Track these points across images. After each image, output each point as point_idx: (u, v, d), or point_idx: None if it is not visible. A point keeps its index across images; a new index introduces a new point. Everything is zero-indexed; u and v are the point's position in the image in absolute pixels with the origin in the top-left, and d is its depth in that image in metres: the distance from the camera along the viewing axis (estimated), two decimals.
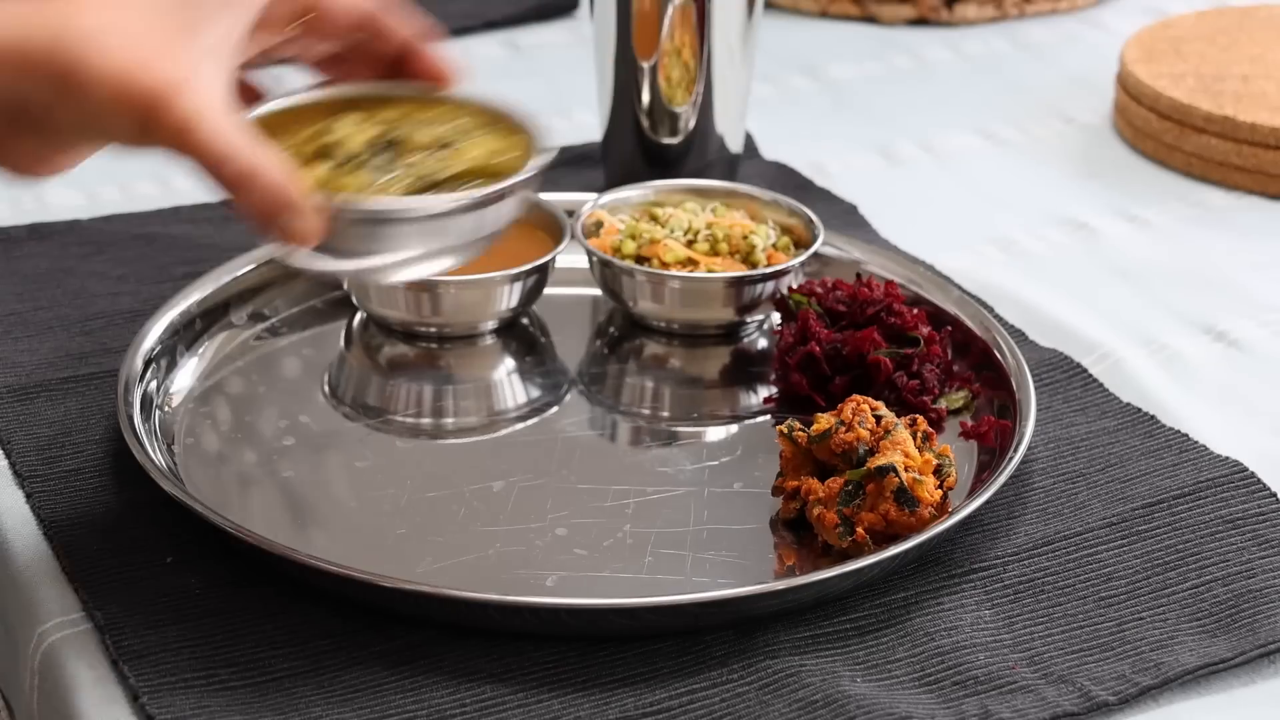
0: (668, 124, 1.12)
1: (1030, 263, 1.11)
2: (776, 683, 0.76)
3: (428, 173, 0.79)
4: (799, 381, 0.93)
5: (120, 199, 1.15)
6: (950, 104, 1.31)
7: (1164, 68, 1.24)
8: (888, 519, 0.83)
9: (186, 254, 1.06)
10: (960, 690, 0.76)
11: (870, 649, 0.79)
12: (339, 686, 0.76)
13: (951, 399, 0.94)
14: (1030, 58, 1.39)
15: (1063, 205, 1.17)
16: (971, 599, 0.82)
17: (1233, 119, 1.18)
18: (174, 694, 0.75)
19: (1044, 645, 0.79)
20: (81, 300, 1.03)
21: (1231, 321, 1.04)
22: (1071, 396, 0.96)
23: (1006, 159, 1.24)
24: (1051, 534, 0.85)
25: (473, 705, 0.75)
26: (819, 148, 1.24)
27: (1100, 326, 1.03)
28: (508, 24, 1.41)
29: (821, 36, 1.41)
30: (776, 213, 1.04)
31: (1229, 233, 1.14)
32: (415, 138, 0.80)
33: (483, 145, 0.81)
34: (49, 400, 0.94)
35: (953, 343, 0.97)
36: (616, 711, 0.75)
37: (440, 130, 0.81)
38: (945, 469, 0.85)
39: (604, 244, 1.01)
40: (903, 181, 1.21)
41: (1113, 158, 1.24)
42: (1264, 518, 0.86)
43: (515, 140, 0.82)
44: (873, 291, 0.96)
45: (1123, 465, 0.90)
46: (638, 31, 1.10)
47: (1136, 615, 0.81)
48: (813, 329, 0.94)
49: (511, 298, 0.99)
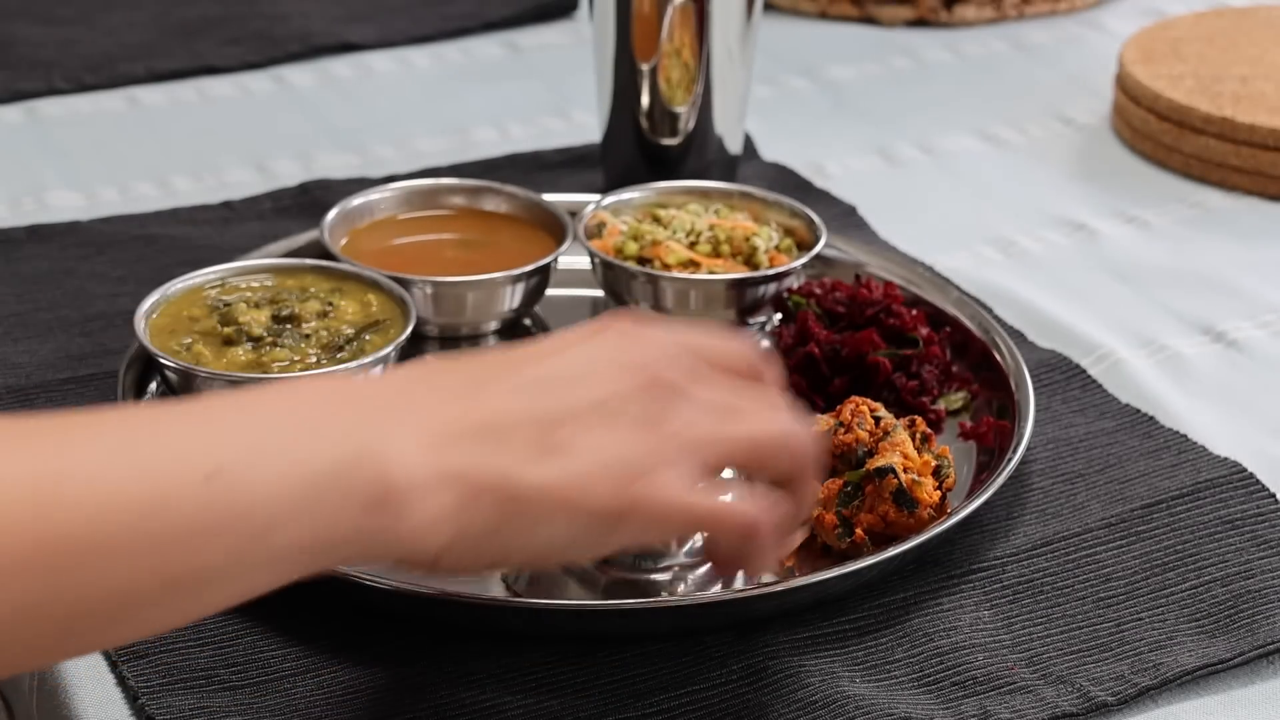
0: (667, 125, 1.12)
1: (1029, 264, 1.11)
2: (776, 683, 0.76)
3: (332, 338, 0.92)
4: (798, 383, 0.93)
5: (120, 200, 1.15)
6: (949, 105, 1.31)
7: (1163, 69, 1.24)
8: (887, 520, 0.83)
9: (186, 255, 1.06)
10: (959, 691, 0.76)
11: (869, 650, 0.79)
12: (339, 686, 0.76)
13: (950, 400, 0.94)
14: (1029, 59, 1.39)
15: (1062, 206, 1.17)
16: (970, 600, 0.82)
17: (1231, 120, 1.18)
18: (174, 694, 0.75)
19: (1043, 646, 0.79)
20: (81, 301, 1.03)
21: (1230, 322, 1.05)
22: (1070, 397, 0.96)
23: (1005, 160, 1.24)
24: (1050, 535, 0.86)
25: (473, 706, 0.75)
26: (818, 149, 1.24)
27: (1099, 327, 1.03)
28: (508, 24, 1.41)
29: (821, 37, 1.41)
30: (778, 214, 1.04)
31: (1228, 234, 1.15)
32: (302, 310, 0.93)
33: (350, 300, 0.95)
34: (49, 401, 0.94)
35: (952, 344, 0.97)
36: (616, 713, 0.75)
37: (314, 298, 0.94)
38: (944, 470, 0.85)
39: (606, 245, 1.01)
40: (902, 182, 1.21)
41: (1112, 159, 1.24)
42: (1263, 518, 0.86)
43: (349, 286, 0.96)
44: (872, 292, 0.96)
45: (1122, 466, 0.90)
46: (637, 32, 1.10)
47: (1135, 616, 0.81)
48: (811, 330, 0.94)
49: (514, 298, 0.99)
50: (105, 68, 1.31)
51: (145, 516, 0.60)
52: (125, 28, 1.38)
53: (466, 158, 1.20)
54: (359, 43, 1.36)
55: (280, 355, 0.90)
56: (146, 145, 1.22)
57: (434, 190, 1.06)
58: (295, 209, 1.13)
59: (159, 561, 0.60)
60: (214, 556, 0.61)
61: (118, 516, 0.59)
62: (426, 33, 1.39)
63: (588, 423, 0.68)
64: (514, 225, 1.05)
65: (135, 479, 0.60)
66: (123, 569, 0.60)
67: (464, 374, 0.70)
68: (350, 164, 1.20)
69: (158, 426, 0.63)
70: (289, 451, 0.63)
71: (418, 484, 0.64)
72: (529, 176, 1.16)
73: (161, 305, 0.93)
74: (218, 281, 0.96)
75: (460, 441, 0.66)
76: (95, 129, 1.24)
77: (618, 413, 0.69)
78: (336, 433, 0.64)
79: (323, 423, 0.64)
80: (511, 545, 0.67)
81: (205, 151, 1.21)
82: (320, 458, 0.63)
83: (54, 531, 0.58)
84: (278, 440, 0.63)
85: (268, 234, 1.08)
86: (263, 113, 1.27)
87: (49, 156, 1.20)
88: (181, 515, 0.60)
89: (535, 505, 0.66)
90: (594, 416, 0.69)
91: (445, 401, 0.67)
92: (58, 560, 0.58)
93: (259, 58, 1.34)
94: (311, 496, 0.62)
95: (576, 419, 0.68)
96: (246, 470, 0.62)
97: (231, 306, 0.93)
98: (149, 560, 0.60)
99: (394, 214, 1.05)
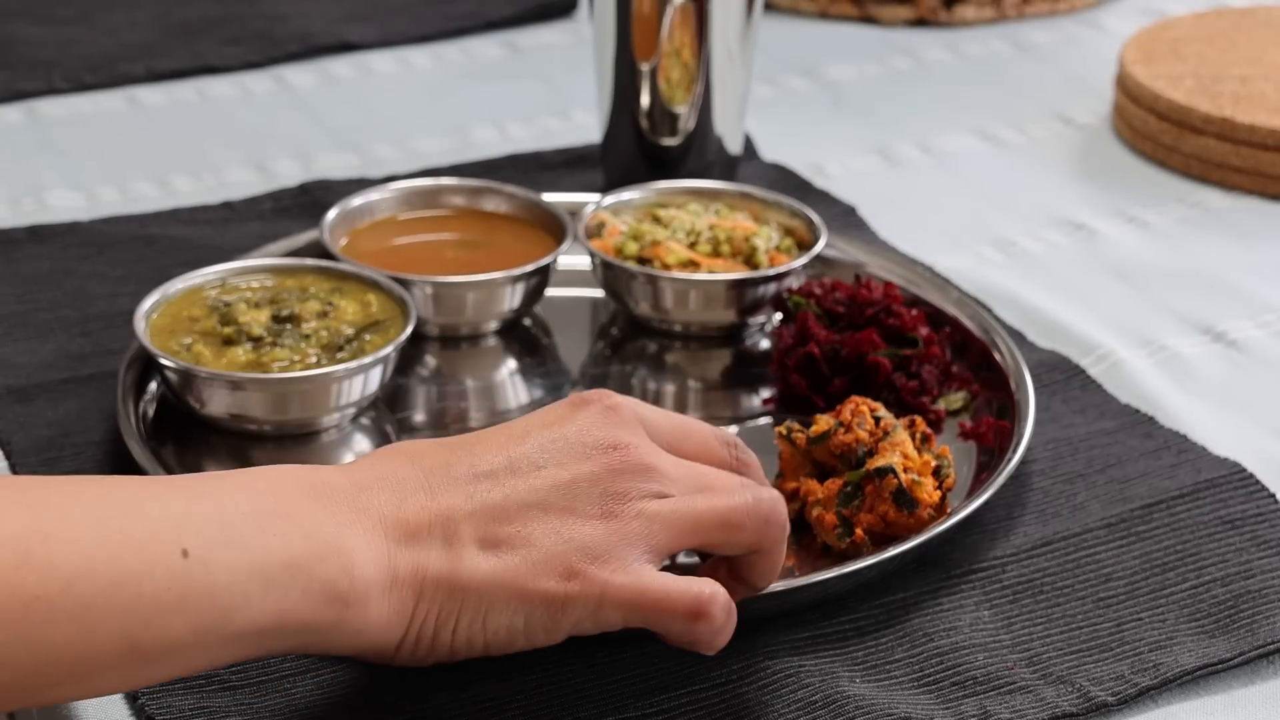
0: (667, 125, 1.12)
1: (1029, 264, 1.11)
2: (776, 683, 0.76)
3: (332, 338, 0.92)
4: (798, 383, 0.93)
5: (120, 200, 1.15)
6: (949, 105, 1.31)
7: (1163, 69, 1.24)
8: (886, 520, 0.83)
9: (186, 255, 1.06)
10: (959, 691, 0.77)
11: (869, 650, 0.79)
12: (339, 687, 0.76)
13: (950, 400, 0.94)
14: (1029, 59, 1.39)
15: (1061, 206, 1.17)
16: (970, 600, 0.82)
17: (1231, 120, 1.18)
18: (174, 694, 0.75)
19: (1043, 646, 0.79)
20: (81, 301, 1.03)
21: (1230, 322, 1.05)
22: (1070, 397, 0.96)
23: (1005, 160, 1.24)
24: (1050, 535, 0.86)
25: (473, 706, 0.75)
26: (818, 149, 1.24)
27: (1099, 327, 1.03)
28: (508, 24, 1.41)
29: (821, 37, 1.41)
30: (778, 214, 1.04)
31: (1227, 234, 1.15)
32: (301, 310, 0.93)
33: (350, 300, 0.94)
34: (49, 401, 0.94)
35: (951, 344, 0.97)
36: (616, 713, 0.75)
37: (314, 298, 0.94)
38: (944, 470, 0.86)
39: (606, 245, 1.01)
40: (902, 182, 1.21)
41: (1112, 159, 1.24)
42: (1263, 518, 0.86)
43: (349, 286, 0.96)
44: (872, 292, 0.96)
45: (1121, 466, 0.90)
46: (637, 32, 1.10)
47: (1135, 616, 0.81)
48: (812, 330, 0.94)
49: (514, 298, 0.99)
50: (105, 68, 1.31)
51: (118, 585, 0.63)
52: (125, 28, 1.38)
53: (466, 158, 1.20)
54: (359, 43, 1.36)
55: (280, 355, 0.90)
56: (146, 145, 1.22)
57: (434, 190, 1.06)
58: (295, 209, 1.13)
59: (125, 629, 0.63)
60: (179, 631, 0.64)
61: (91, 583, 0.63)
62: (426, 33, 1.39)
63: (541, 510, 0.71)
64: (514, 225, 1.05)
65: (111, 548, 0.64)
66: (89, 632, 0.63)
67: (426, 464, 0.72)
68: (350, 164, 1.20)
69: (136, 501, 0.66)
70: (256, 538, 0.66)
71: (375, 581, 0.68)
72: (529, 176, 1.16)
73: (161, 305, 0.94)
74: (218, 281, 0.96)
75: (413, 541, 0.70)
76: (95, 129, 1.24)
77: (579, 495, 0.72)
78: (302, 528, 0.68)
79: (290, 515, 0.68)
80: (467, 635, 0.71)
81: (205, 151, 1.21)
82: (286, 549, 0.67)
83: (28, 591, 0.62)
84: (247, 526, 0.67)
85: (268, 234, 1.08)
86: (263, 113, 1.27)
87: (49, 156, 1.20)
88: (151, 588, 0.64)
89: (483, 595, 0.70)
90: (551, 502, 0.72)
91: (403, 497, 0.71)
92: (29, 616, 0.62)
93: (259, 58, 1.34)
94: (274, 584, 0.66)
95: (528, 508, 0.71)
96: (216, 551, 0.65)
97: (231, 306, 0.93)
98: (116, 626, 0.63)
99: (394, 214, 1.05)
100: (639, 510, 0.72)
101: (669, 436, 0.76)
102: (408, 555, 0.69)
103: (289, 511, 0.68)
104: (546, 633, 0.71)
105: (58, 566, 0.62)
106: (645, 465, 0.73)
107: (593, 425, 0.74)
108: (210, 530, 0.66)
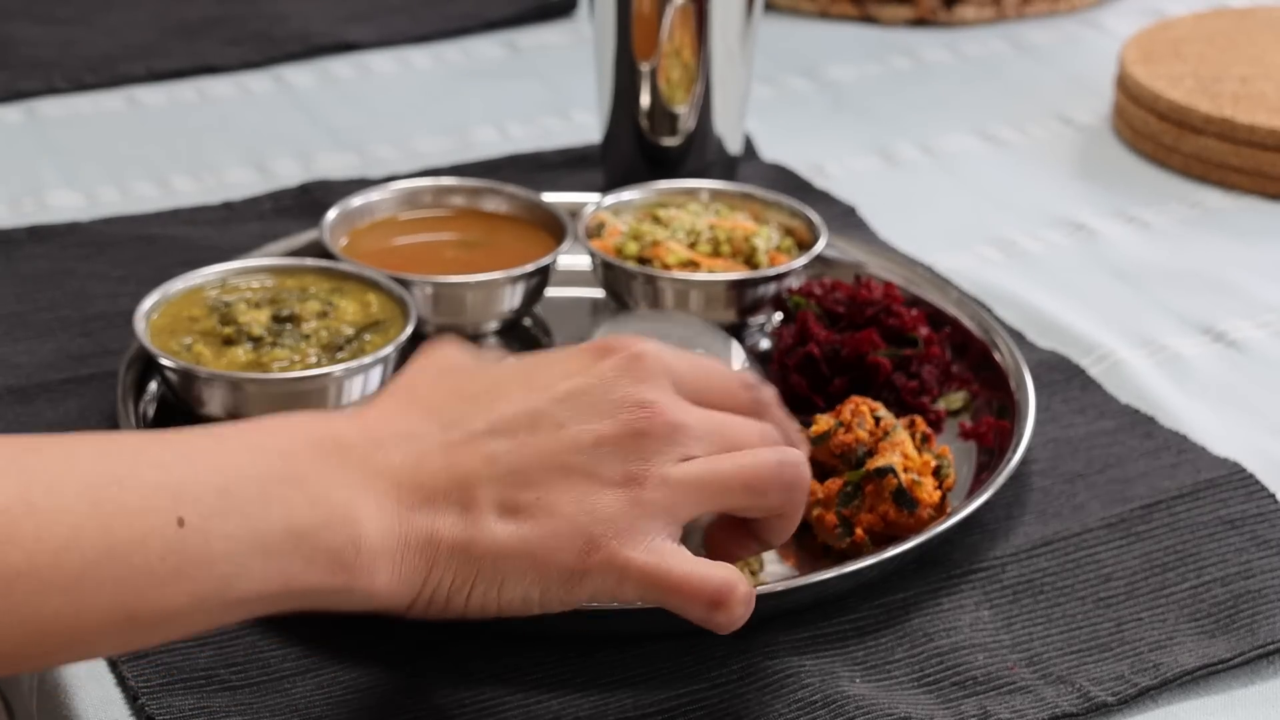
0: (667, 125, 1.12)
1: (1029, 264, 1.11)
2: (776, 683, 0.76)
3: (332, 338, 0.92)
4: (798, 383, 0.93)
5: (120, 200, 1.15)
6: (949, 105, 1.31)
7: (1163, 69, 1.24)
8: (887, 520, 0.83)
9: (186, 255, 1.06)
10: (959, 691, 0.76)
11: (869, 650, 0.79)
12: (339, 687, 0.76)
13: (950, 400, 0.94)
14: (1029, 59, 1.39)
15: (1062, 206, 1.17)
16: (970, 600, 0.82)
17: (1231, 120, 1.18)
18: (174, 694, 0.75)
19: (1043, 646, 0.79)
20: (81, 301, 1.03)
21: (1230, 322, 1.05)
22: (1070, 397, 0.96)
23: (1005, 160, 1.24)
24: (1050, 535, 0.86)
25: (473, 705, 0.75)
26: (818, 149, 1.24)
27: (1099, 327, 1.03)
28: (508, 24, 1.41)
29: (821, 37, 1.41)
30: (778, 214, 1.04)
31: (1228, 234, 1.15)
32: (302, 310, 0.93)
33: (350, 300, 0.94)
34: (49, 401, 0.94)
35: (952, 344, 0.97)
36: (616, 712, 0.75)
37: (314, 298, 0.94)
38: (944, 470, 0.86)
39: (606, 245, 1.01)
40: (902, 182, 1.21)
41: (1112, 159, 1.24)
42: (1263, 518, 0.86)
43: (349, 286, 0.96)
44: (871, 292, 0.96)
45: (1121, 466, 0.90)
46: (637, 32, 1.10)
47: (1135, 616, 0.81)
48: (811, 330, 0.94)
49: (514, 298, 0.99)
50: (105, 68, 1.31)
51: (109, 557, 0.61)
52: (125, 28, 1.38)
53: (466, 158, 1.20)
54: (359, 43, 1.36)
55: (280, 355, 0.90)
56: (146, 145, 1.22)
57: (434, 190, 1.06)
58: (295, 209, 1.13)
59: (120, 600, 0.62)
60: (177, 599, 0.63)
61: (81, 555, 0.61)
62: (426, 33, 1.39)
63: (563, 473, 0.69)
64: (514, 225, 1.05)
65: (103, 518, 0.62)
66: (82, 604, 0.61)
67: (444, 417, 0.70)
68: (350, 164, 1.20)
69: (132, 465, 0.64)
70: (258, 505, 0.64)
71: (385, 549, 0.66)
72: (529, 176, 1.16)
73: (161, 305, 0.94)
74: (218, 281, 0.96)
75: (428, 505, 0.68)
76: (95, 129, 1.24)
77: (602, 458, 0.70)
78: (309, 493, 0.65)
79: (294, 478, 0.65)
80: (482, 599, 0.69)
81: (205, 151, 1.21)
82: (290, 517, 0.64)
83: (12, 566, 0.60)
84: (250, 491, 0.64)
85: (268, 234, 1.08)
86: (263, 113, 1.27)
87: (49, 156, 1.20)
88: (144, 560, 0.62)
89: (500, 565, 0.68)
90: (573, 465, 0.69)
91: (420, 458, 0.68)
92: (15, 591, 0.60)
93: (259, 58, 1.34)
94: (276, 553, 0.64)
95: (549, 471, 0.69)
96: (214, 520, 0.63)
97: (231, 306, 0.93)
98: (110, 597, 0.61)
99: (394, 214, 1.05)
100: (663, 477, 0.70)
101: (693, 385, 0.74)
102: (422, 521, 0.67)
103: (296, 474, 0.66)
104: (562, 603, 0.70)
105: (44, 540, 0.60)
106: (670, 425, 0.71)
107: (618, 379, 0.71)
108: (209, 497, 0.63)
